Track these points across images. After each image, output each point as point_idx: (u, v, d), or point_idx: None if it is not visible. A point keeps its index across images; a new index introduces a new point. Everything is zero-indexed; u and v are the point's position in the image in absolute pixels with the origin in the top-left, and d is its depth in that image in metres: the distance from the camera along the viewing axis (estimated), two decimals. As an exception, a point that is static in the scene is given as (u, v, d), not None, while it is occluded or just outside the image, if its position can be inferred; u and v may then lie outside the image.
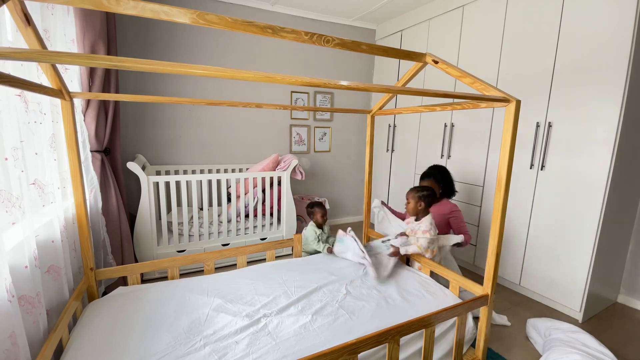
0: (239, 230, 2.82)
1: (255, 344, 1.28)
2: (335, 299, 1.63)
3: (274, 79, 0.91)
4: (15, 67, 1.25)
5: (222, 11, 3.07)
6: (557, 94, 2.12)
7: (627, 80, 1.80)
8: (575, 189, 2.06)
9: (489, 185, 2.60)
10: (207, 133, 3.24)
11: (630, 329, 2.05)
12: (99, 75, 1.95)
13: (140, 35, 2.83)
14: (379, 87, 1.06)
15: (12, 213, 1.10)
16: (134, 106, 2.89)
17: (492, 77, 2.51)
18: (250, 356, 1.22)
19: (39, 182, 1.36)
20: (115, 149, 2.28)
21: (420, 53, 1.48)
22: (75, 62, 0.74)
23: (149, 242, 2.41)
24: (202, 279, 1.79)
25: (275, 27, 1.10)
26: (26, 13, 1.07)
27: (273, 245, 2.13)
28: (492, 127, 2.56)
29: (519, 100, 1.29)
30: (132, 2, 0.92)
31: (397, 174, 3.63)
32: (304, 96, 3.63)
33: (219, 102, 1.72)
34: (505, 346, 1.83)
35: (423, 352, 1.31)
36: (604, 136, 1.90)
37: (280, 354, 1.24)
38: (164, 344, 1.27)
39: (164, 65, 0.81)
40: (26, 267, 1.14)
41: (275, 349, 1.26)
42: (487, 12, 2.56)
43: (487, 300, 1.49)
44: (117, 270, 1.71)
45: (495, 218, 1.40)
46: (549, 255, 2.22)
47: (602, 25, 1.89)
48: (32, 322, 1.17)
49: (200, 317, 1.45)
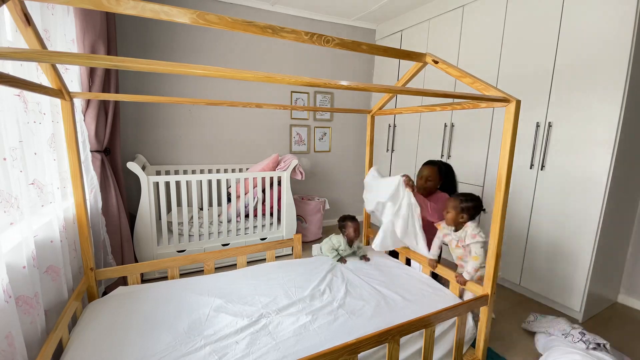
0: (239, 230, 2.82)
1: (255, 344, 1.28)
2: (335, 299, 1.63)
3: (273, 79, 0.91)
4: (15, 67, 1.25)
5: (222, 11, 3.07)
6: (557, 94, 2.12)
7: (627, 81, 1.80)
8: (575, 189, 2.06)
9: (489, 185, 2.60)
10: (207, 133, 3.24)
11: (630, 329, 2.05)
12: (99, 75, 1.95)
13: (140, 35, 2.83)
14: (379, 87, 1.06)
15: (11, 213, 1.10)
16: (134, 106, 2.89)
17: (492, 77, 2.51)
18: (250, 356, 1.22)
19: (38, 182, 1.36)
20: (115, 149, 2.28)
21: (420, 53, 1.48)
22: (75, 62, 0.74)
23: (149, 242, 2.41)
24: (202, 279, 1.79)
25: (275, 27, 1.10)
26: (26, 13, 1.07)
27: (273, 245, 2.13)
28: (492, 127, 2.56)
29: (519, 100, 1.29)
30: (132, 2, 0.92)
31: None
32: (304, 96, 3.63)
33: (219, 102, 1.73)
34: (505, 346, 1.83)
35: (423, 352, 1.31)
36: (604, 136, 1.90)
37: (281, 354, 1.24)
38: (164, 344, 1.27)
39: (164, 65, 0.81)
40: (24, 267, 1.14)
41: (275, 348, 1.26)
42: (487, 12, 2.56)
43: (487, 300, 1.49)
44: (117, 270, 1.71)
45: (495, 218, 1.40)
46: (549, 255, 2.22)
47: (602, 25, 1.89)
48: (29, 322, 1.17)
49: (201, 317, 1.45)
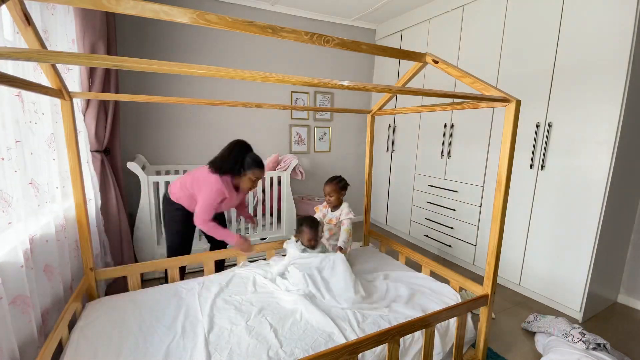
0: (239, 230, 2.82)
1: (255, 344, 1.28)
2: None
3: (273, 78, 0.91)
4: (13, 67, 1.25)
5: (222, 11, 3.07)
6: (557, 94, 2.12)
7: (627, 80, 1.80)
8: (575, 189, 2.05)
9: (489, 185, 2.60)
10: (207, 133, 3.24)
11: (630, 328, 2.05)
12: (99, 75, 1.95)
13: (140, 35, 2.83)
14: (379, 87, 1.06)
15: (8, 212, 1.10)
16: (134, 106, 2.89)
17: (492, 77, 2.51)
18: (251, 356, 1.22)
19: (35, 182, 1.36)
20: (115, 149, 2.28)
21: (420, 53, 1.48)
22: (75, 62, 0.74)
23: (149, 242, 2.40)
24: (202, 279, 1.79)
25: (275, 27, 1.10)
26: (26, 13, 1.07)
27: (273, 245, 2.13)
28: (492, 127, 2.56)
29: (519, 100, 1.29)
30: (132, 2, 0.92)
31: (397, 174, 3.63)
32: (304, 96, 3.63)
33: (219, 102, 1.73)
34: (505, 346, 1.83)
35: (423, 352, 1.31)
36: (604, 136, 1.90)
37: (282, 353, 1.24)
38: (164, 344, 1.27)
39: (164, 65, 0.81)
40: (22, 266, 1.14)
41: (277, 348, 1.26)
42: (487, 12, 2.56)
43: (487, 300, 1.49)
44: (117, 270, 1.71)
45: (495, 218, 1.40)
46: (549, 255, 2.22)
47: (602, 25, 1.89)
48: (27, 321, 1.17)
49: (200, 317, 1.45)
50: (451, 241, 2.96)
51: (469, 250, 2.79)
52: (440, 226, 3.06)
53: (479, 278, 2.61)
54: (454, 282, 1.77)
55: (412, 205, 3.40)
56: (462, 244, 2.85)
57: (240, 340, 1.30)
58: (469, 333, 1.54)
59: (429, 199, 3.17)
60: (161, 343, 1.28)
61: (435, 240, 3.14)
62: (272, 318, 1.46)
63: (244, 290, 1.70)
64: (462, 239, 2.84)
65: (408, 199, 3.45)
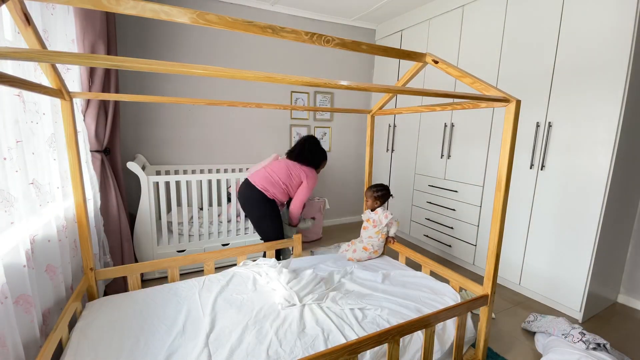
0: (239, 230, 2.82)
1: (256, 344, 1.28)
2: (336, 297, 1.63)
3: (274, 78, 0.91)
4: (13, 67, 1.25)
5: (222, 11, 3.07)
6: (557, 94, 2.12)
7: (627, 80, 1.80)
8: (575, 189, 2.06)
9: (489, 185, 2.60)
10: (207, 133, 3.24)
11: (630, 328, 2.05)
12: (99, 75, 1.95)
13: (140, 35, 2.83)
14: (379, 87, 1.06)
15: (10, 212, 1.10)
16: (134, 106, 2.89)
17: (492, 77, 2.51)
18: (250, 354, 1.22)
19: (37, 182, 1.36)
20: (115, 149, 2.28)
21: (420, 53, 1.48)
22: (75, 62, 0.74)
23: (149, 242, 2.41)
24: (202, 279, 1.79)
25: (275, 27, 1.10)
26: (26, 13, 1.07)
27: (273, 245, 2.13)
28: (492, 127, 2.56)
29: (519, 100, 1.29)
30: (132, 2, 0.92)
31: (397, 174, 3.63)
32: (304, 96, 3.63)
33: (219, 102, 1.72)
34: (505, 346, 1.83)
35: (423, 352, 1.31)
36: (604, 136, 1.90)
37: (282, 352, 1.24)
38: (164, 344, 1.27)
39: (164, 65, 0.81)
40: (24, 266, 1.14)
41: (278, 347, 1.27)
42: (487, 12, 2.56)
43: (487, 300, 1.49)
44: (117, 270, 1.71)
45: (495, 218, 1.40)
46: (549, 256, 2.22)
47: (602, 25, 1.89)
48: (29, 321, 1.17)
49: (201, 317, 1.45)
50: (451, 241, 2.96)
51: (468, 250, 2.79)
52: (440, 226, 3.06)
53: (479, 278, 2.61)
54: (454, 282, 1.77)
55: (412, 205, 3.41)
56: (462, 244, 2.85)
57: (241, 339, 1.30)
58: (469, 333, 1.54)
59: (429, 199, 3.17)
60: (162, 342, 1.28)
61: (435, 240, 3.14)
62: (272, 317, 1.46)
63: (245, 289, 1.70)
64: (462, 239, 2.84)
65: (408, 198, 3.45)
